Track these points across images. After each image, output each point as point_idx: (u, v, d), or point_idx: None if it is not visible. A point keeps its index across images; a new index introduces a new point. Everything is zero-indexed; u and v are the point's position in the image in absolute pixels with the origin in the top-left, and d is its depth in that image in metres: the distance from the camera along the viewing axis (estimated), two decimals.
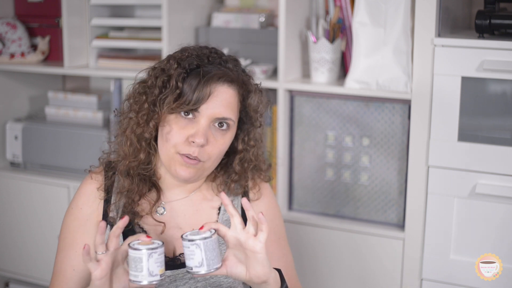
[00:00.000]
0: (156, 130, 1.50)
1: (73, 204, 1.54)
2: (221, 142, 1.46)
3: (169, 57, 1.50)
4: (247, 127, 1.53)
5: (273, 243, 1.57)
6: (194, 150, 1.43)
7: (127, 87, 1.56)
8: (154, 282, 1.30)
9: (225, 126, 1.46)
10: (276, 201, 1.65)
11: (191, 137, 1.43)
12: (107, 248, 1.32)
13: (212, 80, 1.44)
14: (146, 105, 1.47)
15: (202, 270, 1.31)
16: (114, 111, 1.55)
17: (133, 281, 1.31)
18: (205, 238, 1.31)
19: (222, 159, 1.54)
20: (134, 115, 1.49)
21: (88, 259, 1.30)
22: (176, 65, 1.46)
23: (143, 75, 1.53)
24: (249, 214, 1.36)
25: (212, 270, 1.32)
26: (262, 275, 1.35)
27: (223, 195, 1.38)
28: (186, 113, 1.44)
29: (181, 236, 1.33)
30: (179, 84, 1.44)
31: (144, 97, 1.48)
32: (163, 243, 1.33)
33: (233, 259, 1.36)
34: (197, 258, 1.31)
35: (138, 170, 1.50)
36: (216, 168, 1.55)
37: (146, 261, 1.29)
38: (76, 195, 1.55)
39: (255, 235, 1.34)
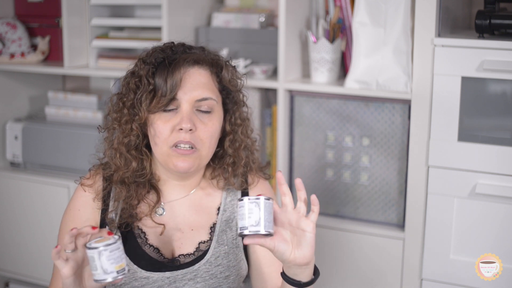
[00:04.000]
0: (144, 135, 1.51)
1: (71, 205, 1.54)
2: (210, 125, 1.48)
3: (136, 62, 1.52)
4: (231, 107, 1.55)
5: None
6: (185, 136, 1.44)
7: (104, 103, 1.60)
8: (109, 280, 1.30)
9: (208, 109, 1.48)
10: (276, 201, 1.64)
11: (177, 125, 1.45)
12: (75, 247, 1.32)
13: (179, 64, 1.47)
14: (125, 111, 1.49)
15: (260, 229, 1.30)
16: (98, 127, 1.57)
17: (94, 279, 1.31)
18: (267, 199, 1.32)
19: (217, 151, 1.55)
20: (117, 124, 1.50)
21: (57, 257, 1.30)
22: (143, 64, 1.49)
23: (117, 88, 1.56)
24: (300, 194, 1.36)
25: (268, 232, 1.31)
26: (308, 256, 1.34)
27: (279, 174, 1.37)
28: (167, 107, 1.46)
29: (239, 200, 1.33)
30: (150, 80, 1.47)
31: (121, 104, 1.50)
32: (119, 237, 1.32)
33: (280, 236, 1.35)
34: (255, 217, 1.31)
35: (133, 178, 1.51)
36: (213, 161, 1.56)
37: (98, 259, 1.29)
38: (72, 201, 1.55)
39: (306, 216, 1.34)
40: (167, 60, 1.48)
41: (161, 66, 1.48)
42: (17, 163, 2.64)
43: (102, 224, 1.51)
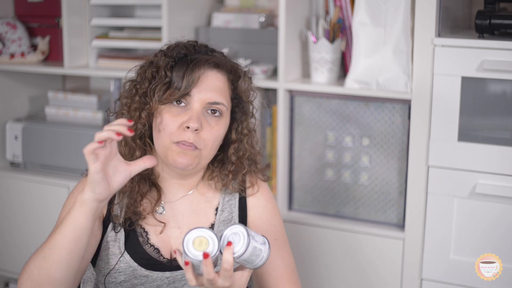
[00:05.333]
0: (150, 127, 1.50)
1: (76, 188, 1.54)
2: (216, 129, 1.47)
3: (156, 52, 1.52)
4: (239, 116, 1.55)
5: (271, 244, 1.57)
6: (189, 136, 1.43)
7: (118, 87, 1.58)
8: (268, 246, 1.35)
9: (218, 113, 1.48)
10: (274, 202, 1.64)
11: (185, 122, 1.44)
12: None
13: (200, 63, 1.47)
14: (137, 98, 1.49)
15: None
16: (106, 110, 1.56)
17: (262, 264, 1.33)
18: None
19: (218, 154, 1.54)
20: (126, 110, 1.50)
21: (91, 152, 1.26)
22: (163, 56, 1.49)
23: (132, 74, 1.55)
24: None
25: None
26: None
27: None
28: (178, 102, 1.46)
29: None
30: (168, 73, 1.47)
31: (134, 91, 1.50)
32: (217, 238, 1.30)
33: None
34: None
35: None
36: (213, 164, 1.56)
37: (254, 248, 1.31)
38: (77, 186, 1.55)
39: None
40: (189, 57, 1.48)
41: (181, 61, 1.48)
42: (17, 163, 2.64)
43: (108, 218, 1.51)
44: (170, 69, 1.47)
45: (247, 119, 1.57)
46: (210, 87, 1.47)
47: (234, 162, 1.55)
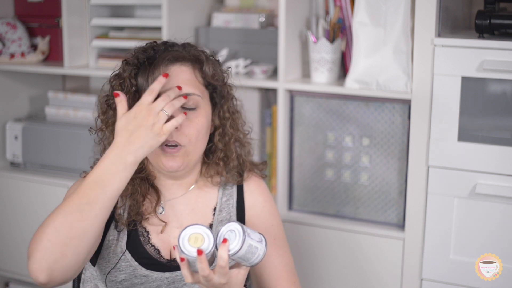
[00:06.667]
0: None
1: (78, 182, 1.54)
2: (196, 122, 1.47)
3: (121, 64, 1.53)
4: (219, 101, 1.55)
5: (269, 243, 1.57)
6: (171, 135, 1.43)
7: (95, 104, 1.61)
8: (265, 245, 1.34)
9: (193, 105, 1.47)
10: (273, 202, 1.64)
11: None
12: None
13: (159, 62, 1.47)
14: (110, 112, 1.49)
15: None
16: (89, 129, 1.57)
17: (258, 262, 1.34)
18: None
19: (210, 146, 1.55)
20: (105, 126, 1.51)
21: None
22: (126, 66, 1.49)
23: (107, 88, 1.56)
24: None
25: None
26: None
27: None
28: None
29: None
30: (133, 81, 1.47)
31: (106, 106, 1.51)
32: (213, 235, 1.31)
33: None
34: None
35: (134, 174, 1.51)
36: (207, 156, 1.56)
37: (251, 246, 1.31)
38: (77, 181, 1.56)
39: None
40: (148, 61, 1.48)
41: (143, 66, 1.49)
42: (17, 163, 2.64)
43: (111, 219, 1.51)
44: (135, 76, 1.48)
45: (227, 102, 1.56)
46: (176, 82, 1.46)
47: (221, 148, 1.55)
